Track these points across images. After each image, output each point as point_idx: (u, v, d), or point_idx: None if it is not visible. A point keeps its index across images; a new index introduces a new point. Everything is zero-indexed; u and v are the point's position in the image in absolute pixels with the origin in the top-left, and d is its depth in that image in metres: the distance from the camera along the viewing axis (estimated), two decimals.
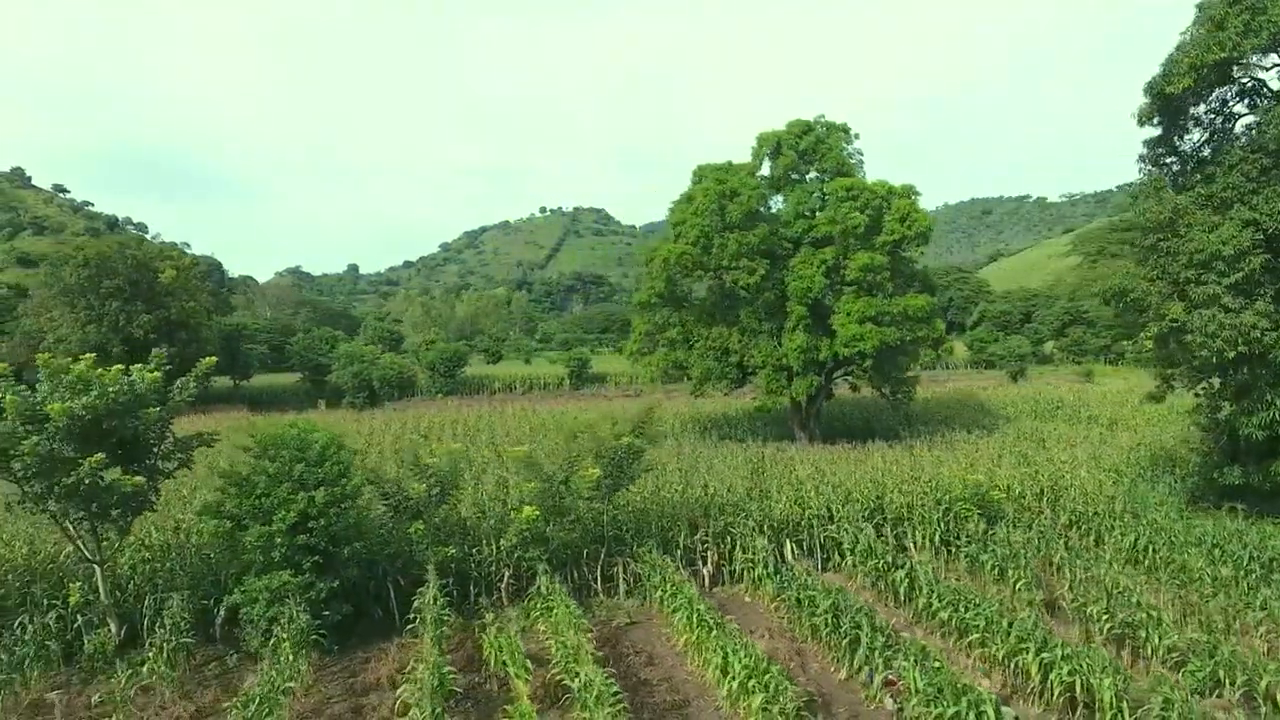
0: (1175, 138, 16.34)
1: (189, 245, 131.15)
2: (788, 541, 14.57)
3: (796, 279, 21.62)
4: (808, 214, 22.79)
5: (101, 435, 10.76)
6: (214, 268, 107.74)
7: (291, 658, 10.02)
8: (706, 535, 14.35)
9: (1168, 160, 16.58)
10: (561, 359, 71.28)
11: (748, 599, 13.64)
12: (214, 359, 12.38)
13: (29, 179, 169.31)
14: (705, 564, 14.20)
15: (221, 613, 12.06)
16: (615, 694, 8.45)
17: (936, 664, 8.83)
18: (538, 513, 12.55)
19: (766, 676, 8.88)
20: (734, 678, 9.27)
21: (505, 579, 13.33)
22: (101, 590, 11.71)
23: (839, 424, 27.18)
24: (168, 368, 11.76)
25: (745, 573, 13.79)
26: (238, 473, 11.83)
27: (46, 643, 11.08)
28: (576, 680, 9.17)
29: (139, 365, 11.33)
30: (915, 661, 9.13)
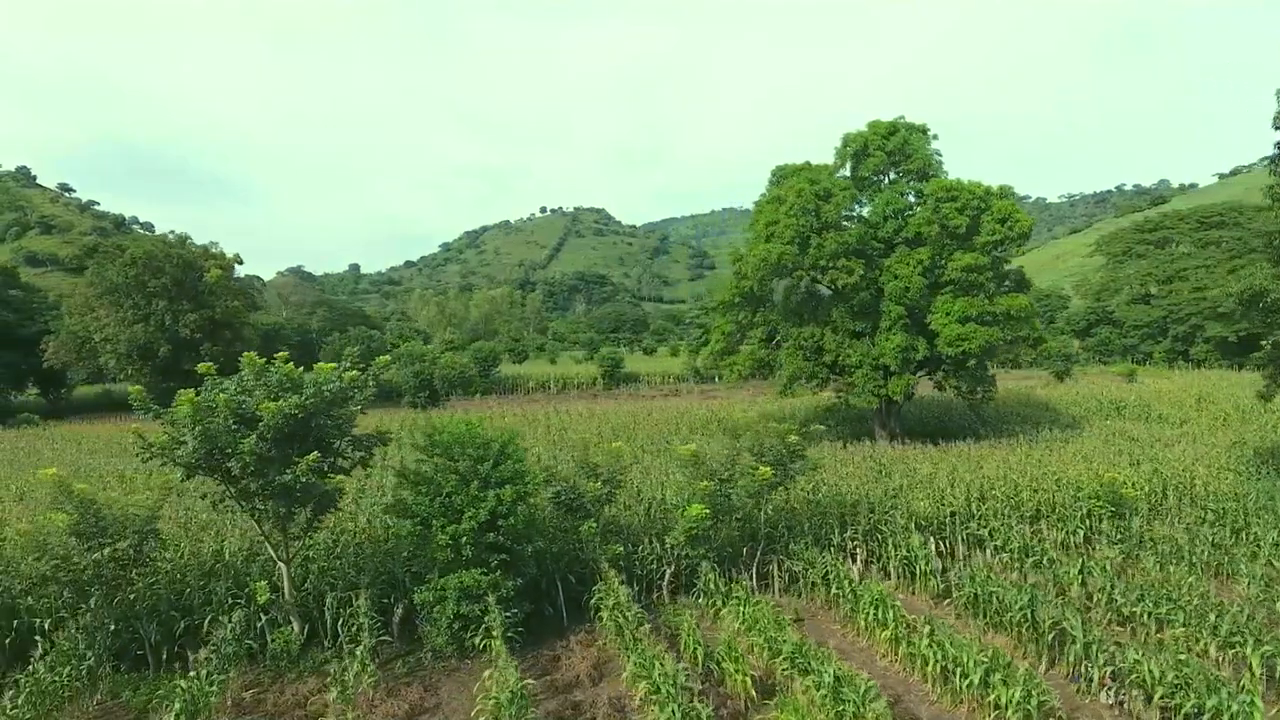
0: None
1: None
2: (931, 539, 14.63)
3: (893, 279, 21.70)
4: (895, 215, 22.88)
5: (302, 434, 10.76)
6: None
7: (506, 656, 10.04)
8: (856, 533, 14.41)
9: None
10: (587, 359, 71.23)
11: (901, 596, 13.69)
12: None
13: (34, 178, 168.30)
14: (854, 561, 14.26)
15: (400, 611, 12.09)
16: (872, 689, 8.49)
17: (1180, 655, 8.90)
18: (707, 511, 12.58)
19: (1002, 674, 8.95)
20: (966, 676, 9.30)
21: (667, 576, 13.38)
22: (286, 589, 11.72)
23: (914, 423, 27.28)
24: (214, 367, 11.49)
25: (899, 570, 13.84)
26: (421, 472, 11.84)
27: (247, 641, 11.08)
28: (809, 676, 9.23)
29: (332, 365, 11.30)
30: (1147, 654, 9.20)
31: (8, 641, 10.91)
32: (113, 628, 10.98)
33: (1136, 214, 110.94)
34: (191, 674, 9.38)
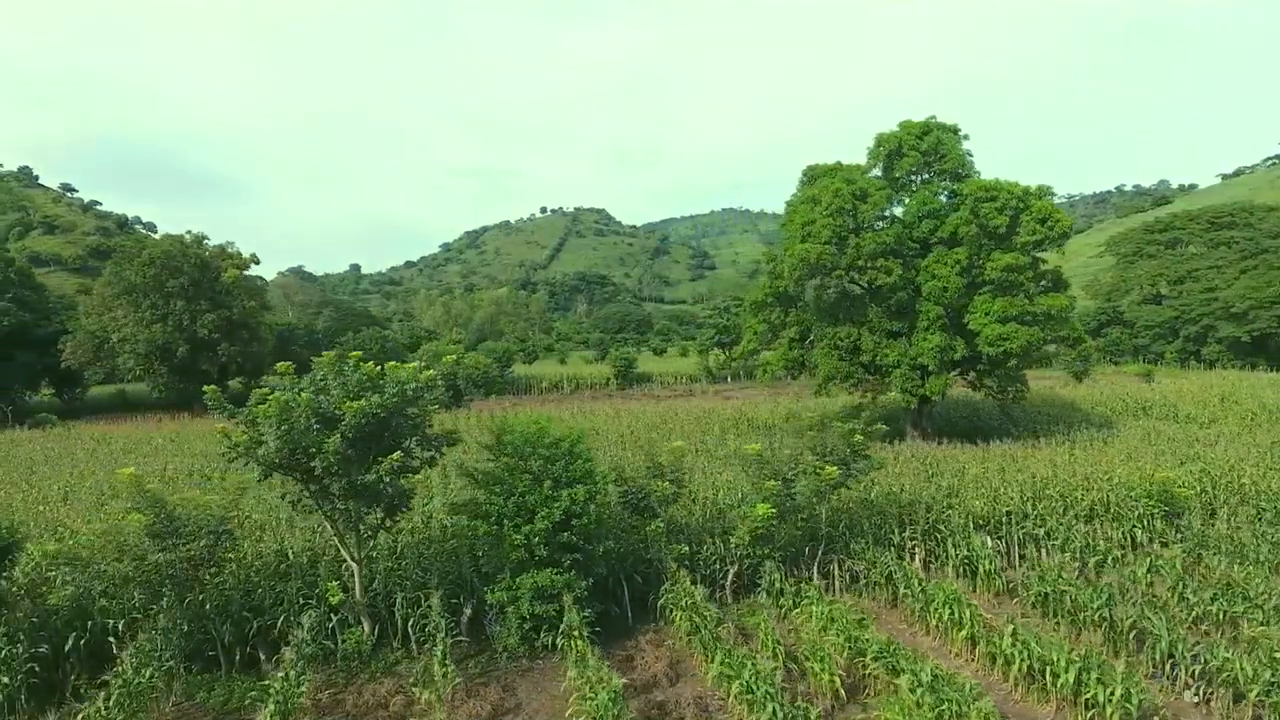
0: None
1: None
2: (988, 538, 14.63)
3: (930, 279, 21.71)
4: (930, 215, 22.88)
5: (380, 433, 10.73)
6: None
7: (596, 657, 10.02)
8: (915, 532, 14.40)
9: None
10: (598, 359, 71.16)
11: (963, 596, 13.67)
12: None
13: (36, 178, 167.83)
14: (913, 560, 14.25)
15: (469, 611, 12.06)
16: (976, 688, 8.48)
17: (1277, 654, 8.90)
18: (773, 510, 12.56)
19: (1098, 673, 8.94)
20: (1057, 675, 9.28)
21: (730, 576, 13.37)
22: (357, 589, 11.69)
23: (943, 423, 27.29)
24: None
25: (958, 569, 13.83)
26: (492, 472, 11.81)
27: (324, 642, 11.05)
28: (902, 676, 9.21)
29: (410, 365, 11.27)
30: (1238, 653, 9.20)
31: (83, 643, 10.87)
32: (185, 628, 10.95)
33: (1145, 214, 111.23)
34: (280, 674, 9.34)
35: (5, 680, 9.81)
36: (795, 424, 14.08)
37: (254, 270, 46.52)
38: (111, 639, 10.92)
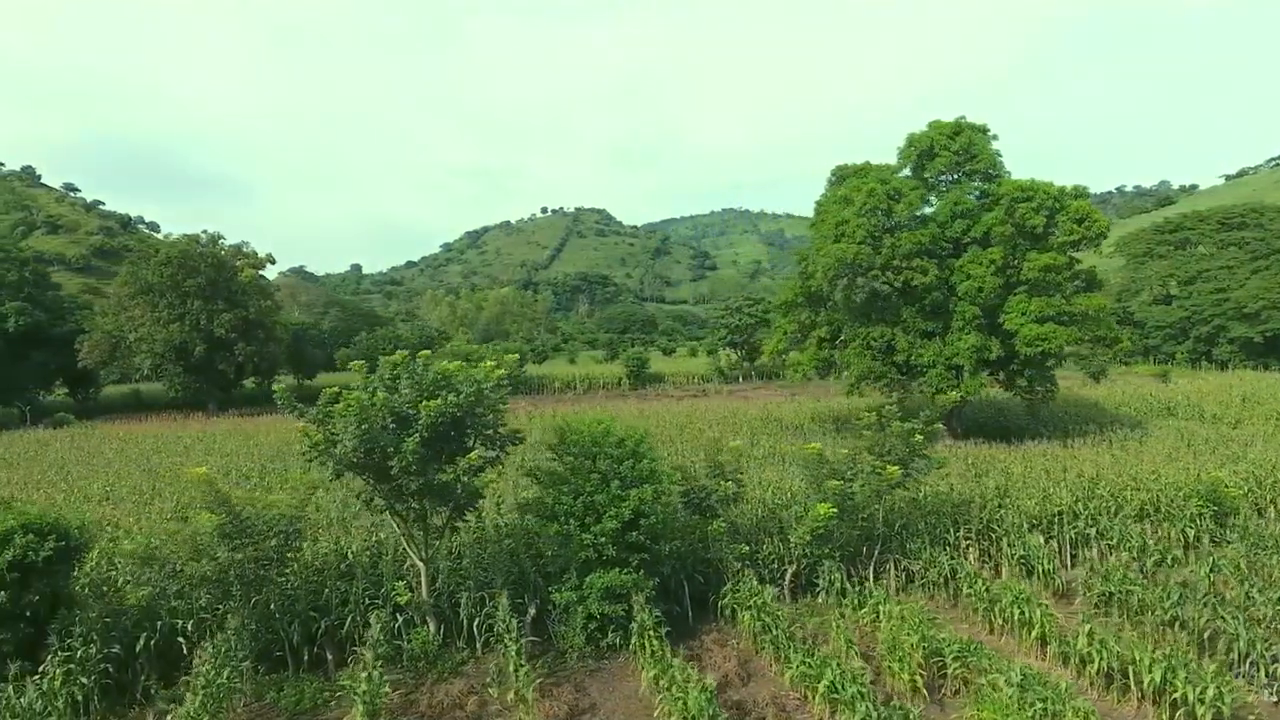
0: None
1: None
2: (1041, 537, 14.62)
3: (965, 279, 21.72)
4: (963, 215, 22.90)
5: (451, 432, 10.70)
6: None
7: (672, 656, 10.00)
8: (970, 531, 14.40)
9: None
10: (607, 359, 71.08)
11: None
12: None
13: (39, 177, 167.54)
14: (966, 559, 14.23)
15: (533, 610, 12.02)
16: (1071, 687, 8.46)
17: None
18: (834, 510, 12.54)
19: (1185, 673, 8.93)
20: (1140, 675, 9.27)
21: (789, 575, 13.35)
22: (424, 589, 11.66)
23: (971, 423, 27.29)
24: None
25: (1015, 569, 13.82)
26: (558, 472, 11.79)
27: (396, 642, 11.03)
28: (987, 675, 9.21)
29: (486, 364, 11.24)
30: None
31: (153, 644, 10.83)
32: (252, 628, 10.91)
33: (1151, 214, 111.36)
34: (364, 674, 9.31)
35: (82, 681, 9.77)
36: (856, 424, 14.00)
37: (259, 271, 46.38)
38: (180, 639, 10.92)
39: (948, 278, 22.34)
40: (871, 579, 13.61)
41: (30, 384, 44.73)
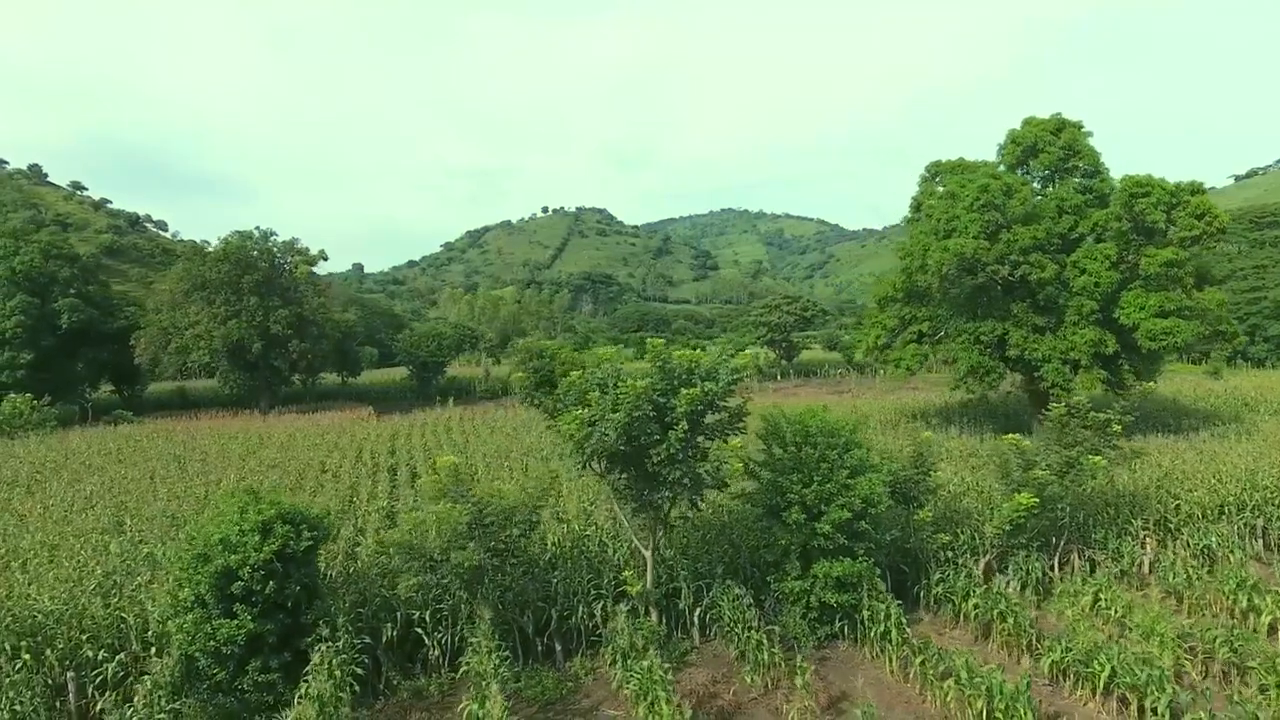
0: None
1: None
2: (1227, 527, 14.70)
3: (1080, 274, 21.87)
4: (1072, 210, 23.05)
5: (699, 420, 10.71)
6: None
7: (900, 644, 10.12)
8: (1147, 522, 14.49)
9: None
10: (635, 356, 70.72)
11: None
12: (748, 354, 12.33)
13: (46, 176, 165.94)
14: (1144, 549, 14.31)
15: (749, 599, 12.02)
16: None
17: None
18: (1036, 500, 12.60)
19: None
20: None
21: (982, 565, 13.40)
22: (649, 578, 11.67)
23: None
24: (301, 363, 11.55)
25: (1195, 557, 13.91)
26: (782, 461, 11.81)
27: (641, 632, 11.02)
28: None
29: (746, 353, 11.28)
30: None
31: (395, 635, 10.80)
32: (489, 617, 10.90)
33: None
34: (645, 663, 9.33)
35: (337, 674, 9.72)
36: (1049, 416, 14.08)
37: None
38: (419, 630, 10.90)
39: (1060, 272, 22.46)
40: (1056, 569, 13.72)
41: (82, 382, 44.41)
